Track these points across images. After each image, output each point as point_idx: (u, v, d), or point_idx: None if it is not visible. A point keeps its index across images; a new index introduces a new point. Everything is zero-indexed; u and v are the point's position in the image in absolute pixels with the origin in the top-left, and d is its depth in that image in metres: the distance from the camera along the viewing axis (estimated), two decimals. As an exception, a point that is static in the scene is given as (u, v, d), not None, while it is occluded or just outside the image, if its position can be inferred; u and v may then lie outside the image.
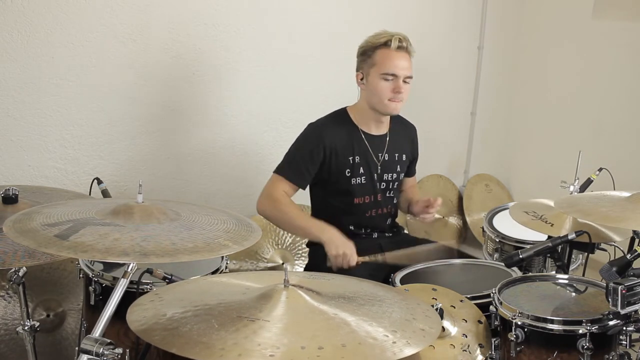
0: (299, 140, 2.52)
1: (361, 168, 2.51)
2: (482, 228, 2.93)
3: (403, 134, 2.66)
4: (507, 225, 2.82)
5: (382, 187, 2.57)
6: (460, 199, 4.20)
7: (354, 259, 2.32)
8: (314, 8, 3.43)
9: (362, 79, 2.50)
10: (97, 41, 2.85)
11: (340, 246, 2.33)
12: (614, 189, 2.56)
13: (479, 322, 1.99)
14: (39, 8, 2.70)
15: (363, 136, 2.53)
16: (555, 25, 4.02)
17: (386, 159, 2.57)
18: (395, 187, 2.63)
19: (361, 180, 2.52)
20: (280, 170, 2.50)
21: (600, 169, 2.71)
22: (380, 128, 2.57)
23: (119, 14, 2.88)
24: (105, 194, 2.56)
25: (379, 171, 2.55)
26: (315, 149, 2.46)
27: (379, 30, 2.50)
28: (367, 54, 2.47)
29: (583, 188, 2.67)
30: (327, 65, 3.52)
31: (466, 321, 1.98)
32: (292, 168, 2.48)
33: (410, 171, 2.76)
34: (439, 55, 3.94)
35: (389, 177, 2.58)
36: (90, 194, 2.61)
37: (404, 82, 2.45)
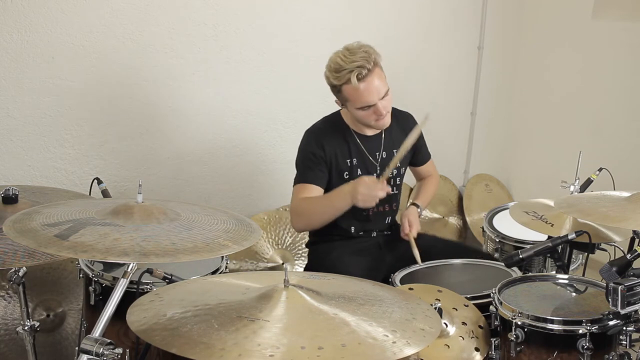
0: (302, 149, 2.52)
1: (359, 170, 2.50)
2: (482, 228, 2.93)
3: (398, 127, 2.61)
4: (507, 225, 2.82)
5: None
6: (460, 199, 4.19)
7: (380, 192, 2.29)
8: (314, 8, 3.43)
9: (342, 105, 2.47)
10: (97, 41, 2.85)
11: (358, 196, 2.29)
12: (614, 189, 2.56)
13: (480, 327, 1.99)
14: (39, 8, 2.70)
15: (357, 138, 2.53)
16: (555, 25, 4.02)
17: (384, 157, 2.56)
18: (398, 183, 2.62)
19: None
20: (298, 179, 2.50)
21: (600, 169, 2.71)
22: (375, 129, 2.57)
23: (119, 14, 2.88)
24: (105, 194, 2.56)
25: (379, 171, 2.55)
26: (318, 152, 2.46)
27: (334, 62, 2.38)
28: (335, 89, 2.41)
29: (583, 188, 2.67)
30: (327, 65, 3.51)
31: (465, 324, 1.98)
32: (307, 172, 2.47)
33: (418, 160, 2.74)
34: (439, 55, 3.94)
35: (390, 173, 2.58)
36: (90, 194, 2.61)
37: (384, 98, 2.37)
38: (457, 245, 2.63)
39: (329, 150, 2.46)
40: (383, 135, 2.57)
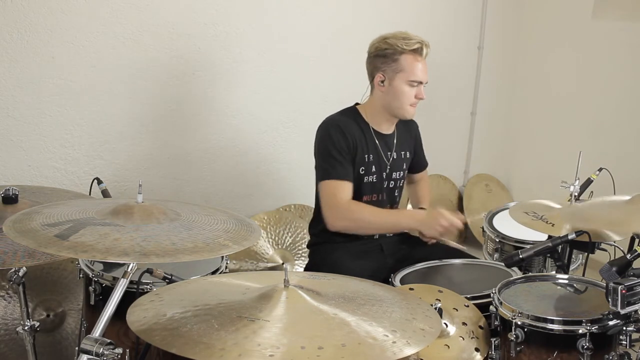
0: (326, 139, 2.44)
1: (373, 167, 2.50)
2: (482, 228, 2.93)
3: (406, 131, 2.64)
4: (507, 225, 2.81)
5: (390, 185, 2.57)
6: (460, 199, 4.20)
7: (455, 223, 2.40)
8: (314, 8, 3.43)
9: (382, 82, 2.46)
10: (97, 41, 2.85)
11: (437, 226, 2.39)
12: (614, 190, 2.56)
13: (480, 327, 1.99)
14: (39, 8, 2.70)
15: (374, 134, 2.52)
16: (555, 25, 4.02)
17: (395, 157, 2.57)
18: (401, 185, 2.63)
19: (372, 179, 2.51)
20: (328, 174, 2.42)
21: (600, 169, 2.71)
22: (390, 127, 2.57)
23: (119, 14, 2.88)
24: (105, 194, 2.55)
25: (388, 170, 2.55)
26: (344, 142, 2.42)
27: (400, 33, 2.44)
28: (392, 57, 2.41)
29: (583, 188, 2.66)
30: (327, 65, 3.52)
31: (465, 324, 1.98)
32: (337, 167, 2.41)
33: (417, 166, 2.75)
34: (439, 56, 3.92)
35: (397, 175, 2.58)
36: (90, 194, 2.61)
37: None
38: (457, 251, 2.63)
39: (352, 141, 2.44)
40: (395, 136, 2.58)
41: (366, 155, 2.48)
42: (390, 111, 2.50)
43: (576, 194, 2.64)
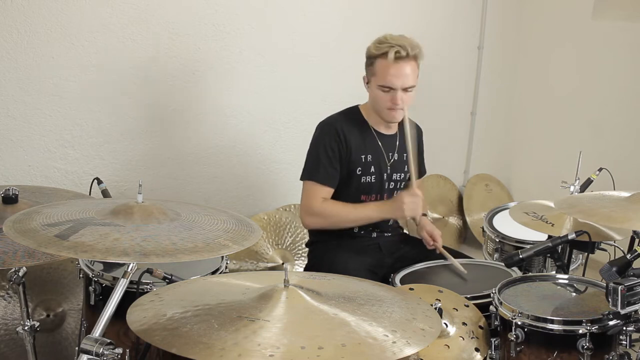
0: (318, 140, 2.47)
1: (372, 167, 2.50)
2: (482, 228, 2.93)
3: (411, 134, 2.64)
4: (507, 225, 2.82)
5: (390, 186, 2.57)
6: (460, 199, 4.19)
7: (415, 193, 2.41)
8: (314, 8, 3.43)
9: (367, 83, 2.48)
10: (97, 41, 2.85)
11: (402, 206, 2.39)
12: (614, 189, 2.56)
13: (480, 327, 1.99)
14: (39, 8, 2.70)
15: (375, 135, 2.52)
16: (555, 25, 4.02)
17: (396, 159, 2.56)
18: (401, 186, 2.62)
19: (371, 179, 2.51)
20: (309, 175, 2.46)
21: (600, 169, 2.71)
22: (391, 128, 2.57)
23: (119, 14, 2.88)
24: (105, 194, 2.56)
25: (389, 171, 2.55)
26: (335, 144, 2.43)
27: (383, 36, 2.43)
28: (370, 61, 2.43)
29: (583, 188, 2.67)
30: (327, 65, 3.52)
31: (465, 324, 1.98)
32: (320, 170, 2.44)
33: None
34: (439, 55, 3.94)
35: (398, 176, 2.58)
36: (90, 194, 2.61)
37: (406, 91, 2.38)
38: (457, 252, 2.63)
39: (344, 142, 2.44)
40: (398, 137, 2.57)
41: (363, 156, 2.48)
42: (376, 114, 2.51)
43: (576, 194, 2.64)
